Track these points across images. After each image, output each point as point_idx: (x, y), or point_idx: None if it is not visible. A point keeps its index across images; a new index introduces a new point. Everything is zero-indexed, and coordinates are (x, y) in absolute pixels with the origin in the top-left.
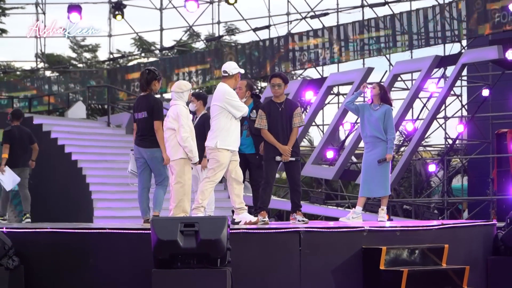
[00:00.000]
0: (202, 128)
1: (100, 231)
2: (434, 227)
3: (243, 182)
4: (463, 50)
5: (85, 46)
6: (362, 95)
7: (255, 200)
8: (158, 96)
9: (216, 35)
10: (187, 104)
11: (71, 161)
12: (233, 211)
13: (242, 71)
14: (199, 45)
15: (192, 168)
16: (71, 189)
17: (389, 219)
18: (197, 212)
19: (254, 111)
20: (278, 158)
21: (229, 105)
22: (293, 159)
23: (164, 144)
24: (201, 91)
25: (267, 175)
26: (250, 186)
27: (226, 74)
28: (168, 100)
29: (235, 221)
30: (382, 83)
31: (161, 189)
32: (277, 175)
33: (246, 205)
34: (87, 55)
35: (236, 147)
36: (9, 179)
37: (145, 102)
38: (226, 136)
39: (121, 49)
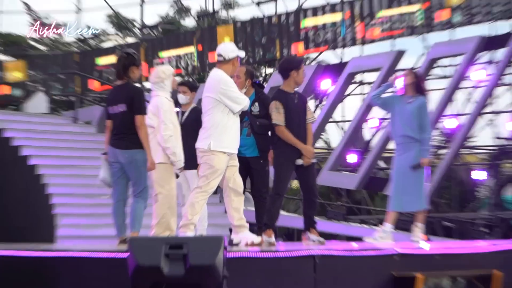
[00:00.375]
0: (195, 124)
1: (64, 254)
2: (482, 250)
3: (243, 192)
4: None
5: (48, 25)
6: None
7: (259, 216)
8: (138, 85)
9: (210, 10)
10: (174, 95)
11: (28, 167)
12: (230, 230)
13: (242, 54)
14: (189, 22)
15: (177, 176)
16: (28, 202)
17: (426, 240)
18: (185, 230)
19: (256, 103)
20: (299, 161)
21: (225, 96)
22: (314, 161)
23: (149, 144)
24: (190, 79)
25: (280, 183)
26: (252, 197)
27: (222, 59)
28: (149, 90)
29: (234, 242)
30: (416, 70)
31: (141, 202)
32: None
33: (247, 222)
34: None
35: (235, 149)
36: None
37: (123, 93)
38: (222, 136)
39: (93, 28)
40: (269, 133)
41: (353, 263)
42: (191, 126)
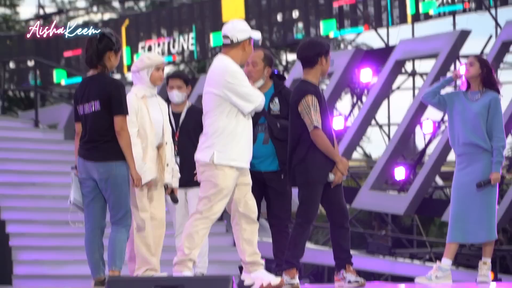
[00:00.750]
0: (198, 128)
1: None
2: None
3: (258, 219)
4: None
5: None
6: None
7: (278, 250)
8: (117, 77)
9: None
10: (170, 92)
11: None
12: (241, 268)
13: (256, 35)
14: None
15: (176, 200)
16: None
17: (496, 279)
18: (182, 269)
19: (276, 100)
20: (331, 176)
21: (232, 92)
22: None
23: (132, 153)
24: (187, 70)
25: (310, 208)
26: (269, 226)
27: (228, 41)
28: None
29: (245, 283)
30: (484, 57)
31: (122, 231)
32: None
33: (262, 258)
34: (4, 11)
35: (246, 162)
36: None
37: (96, 87)
38: (229, 145)
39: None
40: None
41: None
42: (193, 130)
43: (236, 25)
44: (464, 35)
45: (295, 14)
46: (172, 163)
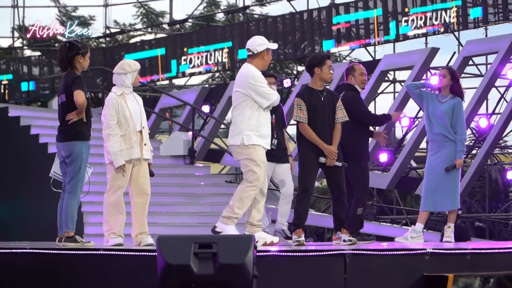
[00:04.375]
0: (282, 119)
1: (92, 252)
2: None
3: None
4: None
5: (76, 18)
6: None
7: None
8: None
9: (240, 5)
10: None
11: None
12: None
13: (273, 46)
14: (220, 17)
15: (152, 174)
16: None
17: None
18: (228, 222)
19: None
20: (322, 159)
21: (253, 91)
22: (339, 164)
23: (83, 113)
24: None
25: (305, 182)
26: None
27: (251, 53)
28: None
29: (216, 229)
30: (452, 68)
31: (73, 198)
32: (316, 183)
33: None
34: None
35: (267, 144)
36: None
37: (63, 83)
38: (253, 130)
39: (121, 21)
40: None
41: (383, 262)
42: (282, 120)
43: (256, 40)
44: (434, 51)
45: (303, 35)
46: (148, 142)
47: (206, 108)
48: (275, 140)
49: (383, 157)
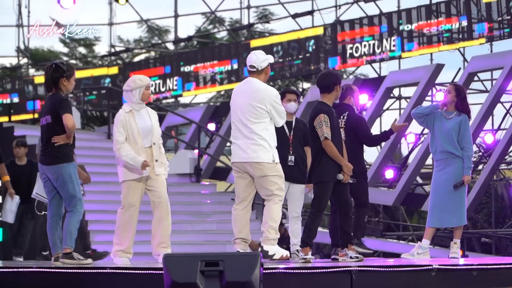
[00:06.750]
0: (302, 135)
1: (99, 271)
2: None
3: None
4: None
5: (80, 40)
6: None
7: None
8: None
9: (245, 22)
10: (288, 103)
11: None
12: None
13: (272, 59)
14: (223, 35)
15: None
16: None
17: (464, 256)
18: (274, 244)
19: None
20: (340, 176)
21: (275, 110)
22: (351, 181)
23: (71, 138)
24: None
25: (322, 202)
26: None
27: (254, 69)
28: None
29: (269, 253)
30: (459, 85)
31: (73, 216)
32: None
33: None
34: (82, 49)
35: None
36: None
37: (48, 104)
38: (273, 145)
39: (126, 39)
40: None
41: (390, 279)
42: (303, 136)
43: (259, 56)
44: (439, 67)
45: (309, 53)
46: (161, 158)
47: (212, 126)
48: (292, 157)
49: (389, 173)
